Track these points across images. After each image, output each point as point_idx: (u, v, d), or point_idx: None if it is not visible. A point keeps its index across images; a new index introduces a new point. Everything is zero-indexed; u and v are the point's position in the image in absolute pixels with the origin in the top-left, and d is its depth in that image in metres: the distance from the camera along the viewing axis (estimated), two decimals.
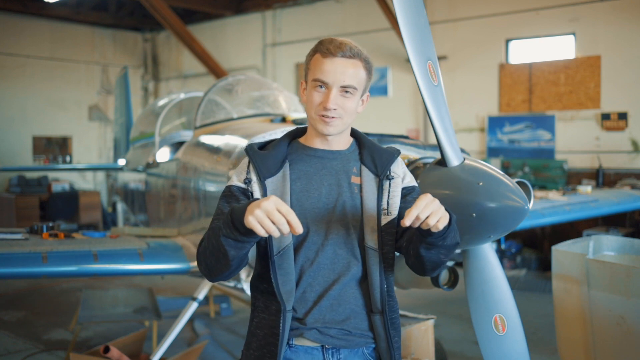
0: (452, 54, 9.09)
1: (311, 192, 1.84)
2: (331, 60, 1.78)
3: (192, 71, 12.70)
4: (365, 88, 1.87)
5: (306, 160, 1.88)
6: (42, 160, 11.72)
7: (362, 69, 1.82)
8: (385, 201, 1.85)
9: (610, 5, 7.78)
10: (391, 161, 1.90)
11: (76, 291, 6.78)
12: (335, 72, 1.78)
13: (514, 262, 8.08)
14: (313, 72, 1.82)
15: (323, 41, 1.83)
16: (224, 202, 1.84)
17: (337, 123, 1.81)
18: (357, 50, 1.81)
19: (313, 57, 1.84)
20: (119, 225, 7.98)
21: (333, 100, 1.78)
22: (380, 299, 1.83)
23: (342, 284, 1.83)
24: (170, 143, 5.99)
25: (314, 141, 1.90)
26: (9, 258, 3.13)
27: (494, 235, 2.34)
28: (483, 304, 2.56)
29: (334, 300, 1.82)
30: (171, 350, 4.24)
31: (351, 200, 1.84)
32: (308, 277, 1.82)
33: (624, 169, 7.67)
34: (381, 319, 1.84)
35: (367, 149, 1.93)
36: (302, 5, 10.79)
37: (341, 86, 1.78)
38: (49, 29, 11.93)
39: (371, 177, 1.87)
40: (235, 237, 1.62)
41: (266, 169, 1.83)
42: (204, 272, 1.80)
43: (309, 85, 1.85)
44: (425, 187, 2.41)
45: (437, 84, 2.35)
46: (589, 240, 4.01)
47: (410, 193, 1.92)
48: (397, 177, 1.90)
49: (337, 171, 1.87)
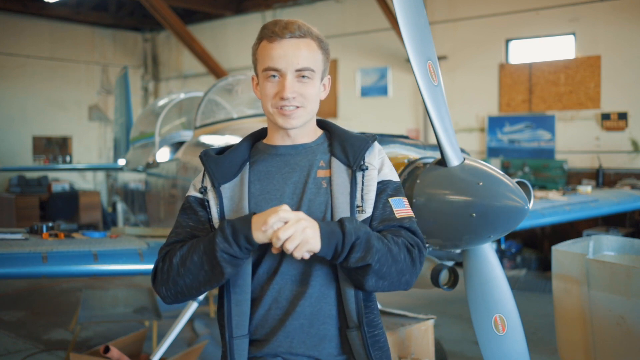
0: (452, 54, 9.09)
1: (272, 194, 1.62)
2: (279, 43, 1.57)
3: (192, 71, 12.69)
4: (325, 70, 1.66)
5: (267, 160, 1.67)
6: (42, 160, 11.72)
7: (317, 48, 1.61)
8: (360, 196, 1.60)
9: (610, 5, 7.78)
10: (364, 148, 1.64)
11: (76, 291, 6.78)
12: (286, 55, 1.56)
13: (514, 262, 8.07)
14: (262, 62, 1.60)
15: (267, 25, 1.61)
16: (183, 215, 1.67)
17: (300, 113, 1.60)
18: (307, 28, 1.60)
19: (259, 45, 1.62)
20: (119, 225, 7.98)
21: (289, 87, 1.56)
22: (356, 310, 1.59)
23: (314, 298, 1.59)
24: (170, 143, 5.99)
25: (274, 138, 1.68)
26: (9, 258, 3.13)
27: (494, 235, 2.34)
28: (483, 304, 2.56)
29: (305, 319, 1.59)
30: (171, 350, 4.23)
31: (318, 197, 1.61)
32: (272, 292, 1.60)
33: (624, 169, 7.67)
34: (359, 335, 1.59)
35: (337, 139, 1.68)
36: (302, 5, 10.79)
37: (296, 70, 1.57)
38: (49, 29, 11.92)
39: (342, 169, 1.63)
40: (234, 253, 1.48)
41: (221, 175, 1.64)
42: (167, 293, 1.58)
43: (260, 77, 1.63)
44: (425, 187, 2.41)
45: (437, 84, 2.35)
46: (589, 240, 4.01)
47: (384, 190, 1.64)
48: (372, 168, 1.64)
49: (302, 167, 1.64)
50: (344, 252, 1.47)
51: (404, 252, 1.56)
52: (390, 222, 1.61)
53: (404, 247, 1.56)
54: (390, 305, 4.33)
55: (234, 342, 1.58)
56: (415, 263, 1.58)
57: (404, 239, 1.58)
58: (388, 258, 1.51)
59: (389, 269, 1.52)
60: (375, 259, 1.49)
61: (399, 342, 3.21)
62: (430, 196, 2.39)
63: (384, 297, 5.68)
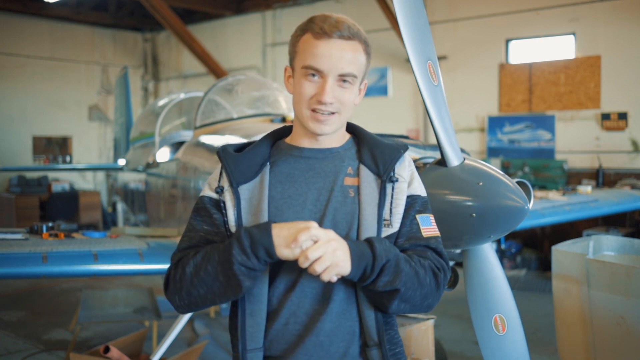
0: (452, 54, 9.09)
1: (294, 199, 1.51)
2: (326, 42, 1.46)
3: (192, 71, 12.69)
4: (365, 75, 1.56)
5: (290, 162, 1.55)
6: (42, 160, 11.72)
7: (362, 52, 1.51)
8: (388, 209, 1.50)
9: (610, 5, 7.78)
10: (395, 158, 1.54)
11: (76, 291, 6.78)
12: (331, 57, 1.45)
13: (514, 262, 8.08)
14: (303, 57, 1.49)
15: (314, 18, 1.50)
16: (197, 217, 1.56)
17: (334, 120, 1.50)
18: (356, 29, 1.51)
19: (302, 37, 1.51)
20: (119, 225, 7.98)
21: (329, 92, 1.46)
22: (376, 327, 1.50)
23: (335, 314, 1.48)
24: (170, 143, 5.99)
25: (300, 140, 1.57)
26: (9, 258, 3.13)
27: (494, 235, 2.34)
28: (483, 304, 2.56)
29: (325, 336, 1.47)
30: (171, 350, 4.23)
31: (344, 207, 1.50)
32: (291, 305, 1.48)
33: (624, 169, 7.67)
34: (379, 353, 1.49)
35: (366, 145, 1.57)
36: (302, 5, 10.79)
37: (339, 74, 1.47)
38: (49, 29, 11.92)
39: (372, 179, 1.52)
40: (252, 266, 1.38)
41: (240, 174, 1.52)
42: (181, 303, 1.49)
43: (296, 73, 1.52)
44: (425, 187, 2.40)
45: (437, 84, 2.34)
46: (589, 240, 4.01)
47: (412, 205, 1.55)
48: (402, 180, 1.54)
49: (328, 172, 1.53)
50: (372, 275, 1.40)
51: (430, 275, 1.49)
52: (416, 240, 1.53)
53: (430, 271, 1.49)
54: None
55: (248, 355, 1.47)
56: (440, 287, 1.51)
57: (431, 261, 1.51)
58: (414, 282, 1.45)
59: (414, 293, 1.46)
60: (403, 282, 1.42)
61: None
62: (430, 196, 2.37)
63: None
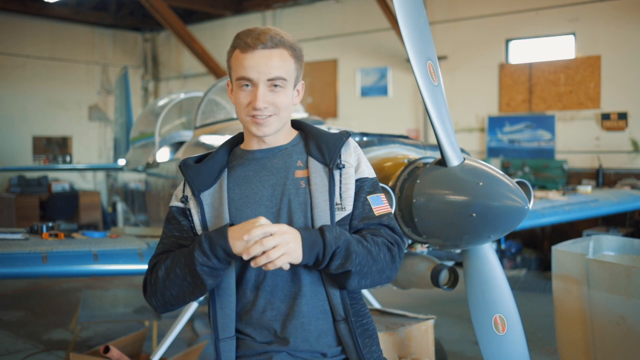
0: (452, 54, 9.09)
1: (251, 198, 1.65)
2: (252, 54, 1.60)
3: (192, 71, 12.69)
4: (297, 77, 1.69)
5: (245, 165, 1.70)
6: (42, 160, 11.72)
7: (289, 57, 1.63)
8: (338, 194, 1.64)
9: (610, 5, 7.78)
10: (339, 145, 1.68)
11: (76, 291, 6.78)
12: (258, 65, 1.60)
13: (514, 262, 8.07)
14: (235, 71, 1.64)
15: (240, 34, 1.66)
16: (168, 225, 1.73)
17: (272, 121, 1.64)
18: (280, 38, 1.62)
19: (232, 54, 1.67)
20: (119, 225, 7.98)
21: (262, 97, 1.60)
22: (341, 304, 1.65)
23: (308, 296, 1.64)
24: (170, 143, 5.99)
25: (250, 143, 1.72)
26: (9, 258, 3.13)
27: (494, 235, 2.34)
28: (483, 304, 2.56)
29: (305, 317, 1.63)
30: (171, 350, 4.23)
31: (297, 198, 1.64)
32: (265, 294, 1.64)
33: (624, 169, 7.67)
34: (346, 326, 1.65)
35: (312, 138, 1.72)
36: (302, 5, 10.79)
37: (268, 79, 1.60)
38: (49, 29, 11.92)
39: (320, 168, 1.66)
40: (213, 265, 1.54)
41: (200, 182, 1.68)
42: (157, 304, 1.66)
43: (234, 85, 1.67)
44: (425, 187, 2.41)
45: (437, 84, 2.35)
46: (589, 240, 4.01)
47: (362, 188, 1.68)
48: (348, 166, 1.68)
49: (279, 169, 1.68)
50: (325, 261, 1.54)
51: (384, 251, 1.63)
52: (369, 220, 1.67)
53: (384, 246, 1.64)
54: (390, 305, 4.33)
55: (220, 344, 1.64)
56: (395, 260, 1.65)
57: (384, 237, 1.65)
58: (368, 260, 1.59)
59: (370, 269, 1.60)
60: (355, 263, 1.56)
61: (398, 342, 3.20)
62: (430, 196, 2.39)
63: (384, 297, 5.68)
